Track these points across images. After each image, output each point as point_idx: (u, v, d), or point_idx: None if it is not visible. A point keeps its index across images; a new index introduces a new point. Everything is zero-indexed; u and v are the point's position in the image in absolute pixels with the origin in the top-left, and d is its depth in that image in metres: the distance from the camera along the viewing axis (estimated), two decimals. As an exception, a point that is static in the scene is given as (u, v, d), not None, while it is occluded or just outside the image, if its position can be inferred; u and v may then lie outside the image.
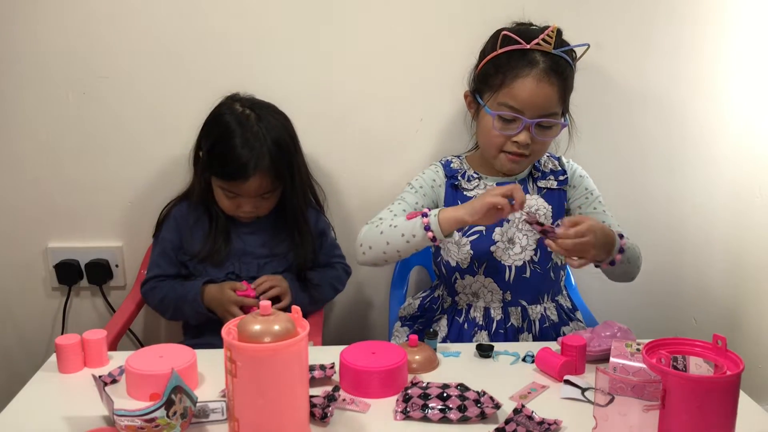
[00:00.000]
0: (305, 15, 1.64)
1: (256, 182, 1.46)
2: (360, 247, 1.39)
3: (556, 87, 1.37)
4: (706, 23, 1.72)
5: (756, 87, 1.77)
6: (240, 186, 1.46)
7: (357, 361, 1.12)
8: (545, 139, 1.42)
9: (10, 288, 1.80)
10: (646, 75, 1.74)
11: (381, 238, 1.35)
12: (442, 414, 1.03)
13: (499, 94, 1.39)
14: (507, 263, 1.45)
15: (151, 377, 1.07)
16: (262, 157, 1.44)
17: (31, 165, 1.71)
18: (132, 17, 1.62)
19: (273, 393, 0.91)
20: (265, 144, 1.45)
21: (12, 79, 1.65)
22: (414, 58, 1.69)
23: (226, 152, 1.45)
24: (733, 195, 1.84)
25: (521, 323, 1.47)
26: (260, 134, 1.46)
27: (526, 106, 1.37)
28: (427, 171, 1.52)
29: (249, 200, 1.50)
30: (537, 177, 1.50)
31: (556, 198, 1.50)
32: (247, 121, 1.47)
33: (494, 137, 1.41)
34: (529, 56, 1.37)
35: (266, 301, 0.94)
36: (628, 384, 0.92)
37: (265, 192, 1.50)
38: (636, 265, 1.43)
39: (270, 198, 1.52)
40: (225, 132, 1.46)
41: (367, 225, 1.41)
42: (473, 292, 1.48)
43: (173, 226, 1.57)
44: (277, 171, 1.48)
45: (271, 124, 1.49)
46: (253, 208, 1.51)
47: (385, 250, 1.35)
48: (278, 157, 1.47)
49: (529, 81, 1.36)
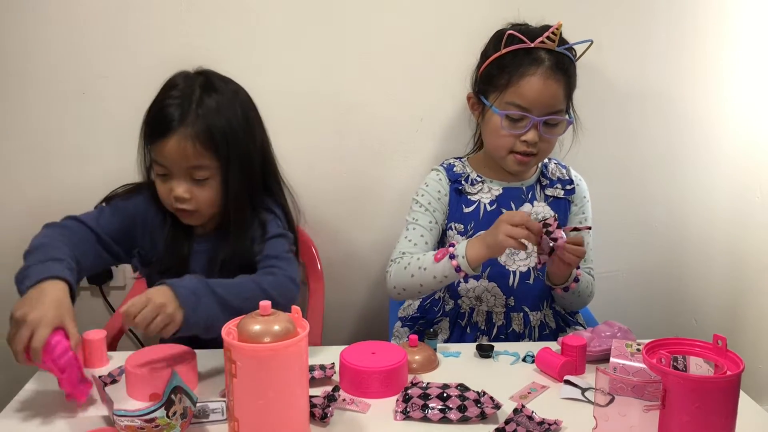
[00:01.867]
0: (305, 15, 1.65)
1: (178, 143, 1.23)
2: (393, 289, 1.42)
3: (562, 84, 1.38)
4: (706, 22, 1.72)
5: (756, 87, 1.77)
6: (162, 148, 1.25)
7: (357, 361, 1.12)
8: (552, 137, 1.42)
9: (9, 288, 1.80)
10: (646, 75, 1.74)
11: (413, 281, 1.37)
12: (442, 414, 1.03)
13: (505, 94, 1.39)
14: (512, 269, 1.46)
15: (151, 377, 1.07)
16: (191, 117, 1.24)
17: (31, 165, 1.71)
18: (132, 17, 1.62)
19: (273, 393, 0.91)
20: (201, 106, 1.26)
21: (12, 79, 1.65)
22: (414, 58, 1.69)
23: (153, 110, 1.29)
24: (733, 195, 1.84)
25: (522, 329, 1.47)
26: (198, 96, 1.27)
27: (534, 104, 1.37)
28: (430, 182, 1.50)
29: (180, 181, 1.27)
30: (545, 185, 1.51)
31: (562, 207, 1.51)
32: (189, 82, 1.29)
33: (503, 137, 1.41)
34: (533, 54, 1.38)
35: (266, 301, 0.94)
36: (629, 384, 0.92)
37: (192, 165, 1.26)
38: (584, 301, 1.50)
39: (206, 185, 1.28)
40: (162, 91, 1.30)
41: (393, 264, 1.42)
42: (476, 296, 1.47)
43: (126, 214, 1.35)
44: (211, 142, 1.25)
45: (220, 93, 1.30)
46: (186, 192, 1.27)
47: (420, 290, 1.39)
48: (214, 126, 1.25)
49: (535, 79, 1.36)
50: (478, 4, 1.65)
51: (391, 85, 1.70)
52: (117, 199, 1.38)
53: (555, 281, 1.42)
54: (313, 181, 1.68)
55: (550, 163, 1.55)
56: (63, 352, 1.03)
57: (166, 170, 1.29)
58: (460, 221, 1.47)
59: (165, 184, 1.30)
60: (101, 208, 1.37)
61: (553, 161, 1.56)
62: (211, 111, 1.27)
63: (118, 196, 1.39)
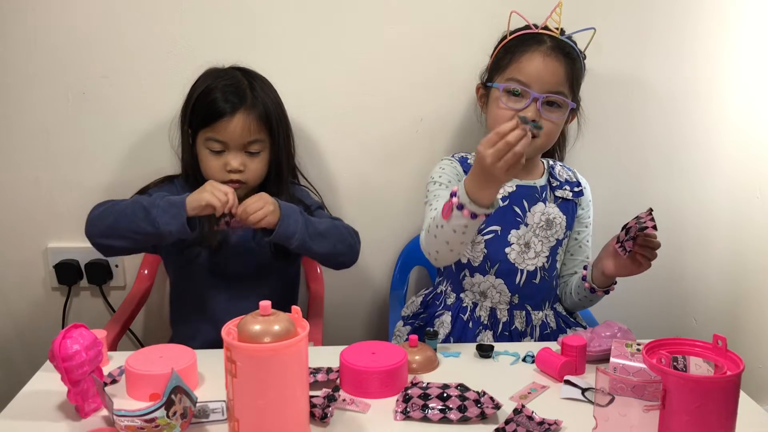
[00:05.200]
0: (305, 15, 1.64)
1: (242, 121, 1.41)
2: (429, 255, 1.34)
3: (563, 64, 1.39)
4: (707, 22, 1.71)
5: (756, 87, 1.77)
6: (225, 127, 1.41)
7: (357, 361, 1.12)
8: (552, 119, 1.40)
9: (10, 288, 1.80)
10: (646, 74, 1.74)
11: (438, 242, 1.28)
12: (442, 414, 1.03)
13: (507, 71, 1.42)
14: (521, 267, 1.46)
15: (151, 377, 1.07)
16: (247, 97, 1.43)
17: (31, 165, 1.71)
18: (132, 17, 1.62)
19: (273, 393, 0.91)
20: (254, 90, 1.45)
21: (12, 79, 1.65)
22: (414, 58, 1.69)
23: (209, 97, 1.43)
24: (733, 195, 1.84)
25: (524, 327, 1.47)
26: (247, 83, 1.45)
27: (533, 79, 1.38)
28: (446, 166, 1.48)
29: (236, 154, 1.43)
30: (555, 186, 1.51)
31: (570, 208, 1.51)
32: (228, 74, 1.47)
33: (501, 110, 1.41)
34: (537, 37, 1.41)
35: (266, 301, 0.94)
36: (629, 384, 0.92)
37: (251, 140, 1.43)
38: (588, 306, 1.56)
39: (258, 157, 1.46)
40: (206, 86, 1.45)
41: (422, 232, 1.35)
42: (481, 291, 1.47)
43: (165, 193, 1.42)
44: (267, 120, 1.45)
45: (259, 80, 1.48)
46: (241, 165, 1.43)
47: (451, 249, 1.28)
48: (267, 106, 1.45)
49: (536, 56, 1.39)
50: (479, 5, 1.65)
51: (391, 85, 1.70)
52: (151, 189, 1.51)
53: (602, 284, 1.44)
54: (312, 182, 1.68)
55: (556, 165, 1.55)
56: (79, 363, 1.00)
57: (223, 146, 1.43)
58: None
59: (219, 159, 1.44)
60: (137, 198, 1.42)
61: (559, 164, 1.56)
62: (262, 94, 1.45)
63: (150, 186, 1.53)
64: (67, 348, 0.99)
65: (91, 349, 1.02)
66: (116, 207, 1.35)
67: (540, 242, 1.47)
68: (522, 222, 1.46)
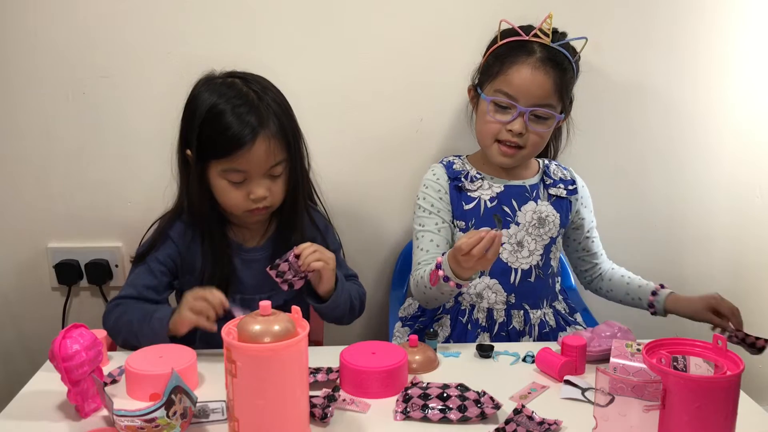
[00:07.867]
0: (305, 15, 1.64)
1: (263, 145, 1.25)
2: (419, 302, 1.48)
3: (551, 77, 1.39)
4: (706, 21, 1.71)
5: (756, 86, 1.77)
6: (246, 156, 1.24)
7: (357, 361, 1.12)
8: (539, 131, 1.42)
9: (10, 288, 1.80)
10: (646, 74, 1.74)
11: (427, 297, 1.40)
12: (442, 414, 1.03)
13: (495, 82, 1.42)
14: (514, 266, 1.46)
15: (151, 377, 1.07)
16: (262, 115, 1.25)
17: (31, 165, 1.71)
18: (132, 17, 1.62)
19: (273, 393, 0.91)
20: (266, 105, 1.26)
21: (12, 79, 1.65)
22: (414, 58, 1.69)
23: (220, 123, 1.24)
24: (733, 195, 1.84)
25: (523, 327, 1.47)
26: (256, 97, 1.27)
27: (521, 93, 1.38)
28: (428, 183, 1.49)
29: (259, 181, 1.28)
30: (549, 184, 1.51)
31: (565, 206, 1.52)
32: (231, 88, 1.28)
33: (488, 123, 1.43)
34: (527, 46, 1.40)
35: (266, 301, 0.94)
36: (629, 384, 0.92)
37: (275, 162, 1.28)
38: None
39: (279, 179, 1.31)
40: (211, 106, 1.25)
41: (411, 279, 1.45)
42: (477, 292, 1.48)
43: (170, 246, 1.36)
44: (284, 137, 1.28)
45: (265, 89, 1.30)
46: (266, 192, 1.29)
47: (439, 301, 1.43)
48: (281, 120, 1.28)
49: (524, 68, 1.38)
50: (479, 5, 1.65)
51: (391, 85, 1.70)
52: (149, 256, 1.37)
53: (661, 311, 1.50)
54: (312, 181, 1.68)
55: (551, 164, 1.55)
56: (79, 363, 1.00)
57: (245, 176, 1.28)
58: (461, 218, 1.47)
59: (241, 189, 1.29)
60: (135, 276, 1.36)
61: (554, 163, 1.56)
62: (273, 108, 1.28)
63: (147, 251, 1.37)
64: (67, 348, 1.00)
65: (91, 349, 1.02)
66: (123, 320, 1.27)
67: (534, 240, 1.47)
68: (512, 221, 1.46)
